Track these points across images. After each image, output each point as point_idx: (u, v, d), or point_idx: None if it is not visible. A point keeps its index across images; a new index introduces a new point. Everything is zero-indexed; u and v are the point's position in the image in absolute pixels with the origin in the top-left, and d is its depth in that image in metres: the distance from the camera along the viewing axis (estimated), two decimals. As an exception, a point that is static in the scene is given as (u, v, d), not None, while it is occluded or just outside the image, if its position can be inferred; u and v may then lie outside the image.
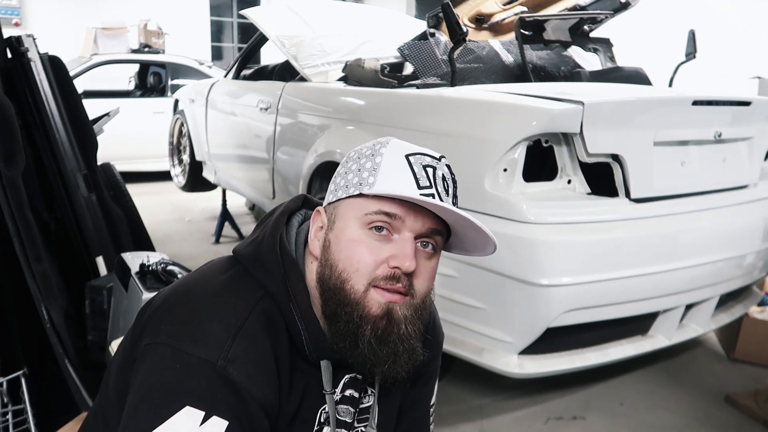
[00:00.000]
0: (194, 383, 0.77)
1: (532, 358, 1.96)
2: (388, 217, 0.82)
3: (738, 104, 2.18)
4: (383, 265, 0.82)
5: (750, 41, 6.30)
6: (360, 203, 0.84)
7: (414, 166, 0.84)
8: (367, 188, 0.84)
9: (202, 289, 0.87)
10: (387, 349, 0.83)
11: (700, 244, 2.07)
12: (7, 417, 1.66)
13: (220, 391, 0.77)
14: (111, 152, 3.70)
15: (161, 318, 0.84)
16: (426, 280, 0.86)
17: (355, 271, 0.82)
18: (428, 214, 0.84)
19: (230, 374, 0.78)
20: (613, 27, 3.11)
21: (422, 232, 0.84)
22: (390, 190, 0.82)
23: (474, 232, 0.87)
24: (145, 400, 0.77)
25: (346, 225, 0.85)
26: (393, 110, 2.39)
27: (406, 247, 0.82)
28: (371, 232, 0.83)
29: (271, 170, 3.24)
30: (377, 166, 0.85)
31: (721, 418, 2.23)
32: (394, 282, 0.82)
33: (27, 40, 2.27)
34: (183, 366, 0.78)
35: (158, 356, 0.79)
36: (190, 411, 0.75)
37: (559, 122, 1.85)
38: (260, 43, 3.91)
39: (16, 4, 8.66)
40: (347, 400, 0.93)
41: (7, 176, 1.84)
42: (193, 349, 0.79)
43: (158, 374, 0.78)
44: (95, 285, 2.08)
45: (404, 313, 0.83)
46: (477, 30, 3.05)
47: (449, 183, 0.87)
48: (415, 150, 0.86)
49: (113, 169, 2.77)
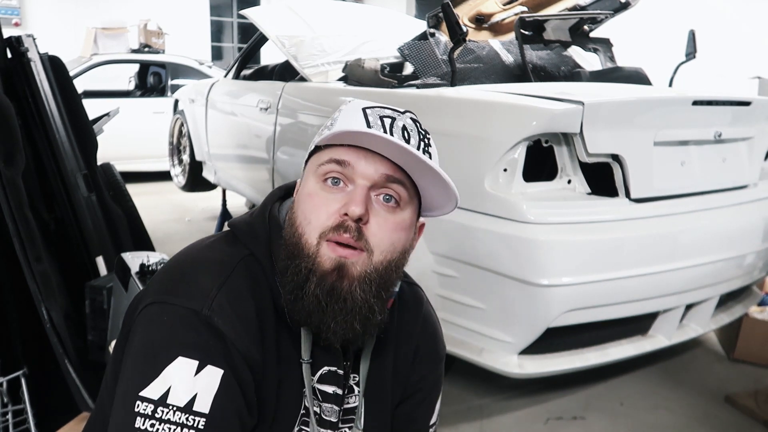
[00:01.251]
0: (183, 333, 0.76)
1: (532, 358, 1.96)
2: (339, 165, 0.80)
3: (738, 104, 2.18)
4: (334, 215, 0.79)
5: (750, 41, 6.30)
6: (317, 157, 0.84)
7: (369, 116, 0.81)
8: (319, 139, 0.83)
9: (186, 253, 0.88)
10: (336, 305, 0.79)
11: (700, 244, 2.07)
12: (7, 417, 1.66)
13: (210, 339, 0.76)
14: (111, 152, 3.69)
15: (149, 285, 0.85)
16: (388, 233, 0.81)
17: (308, 224, 0.80)
18: (382, 159, 0.80)
19: (215, 323, 0.77)
20: (613, 27, 3.11)
21: (376, 179, 0.80)
22: (336, 131, 0.79)
23: (432, 180, 0.82)
24: (138, 360, 0.76)
25: (306, 182, 0.84)
26: (393, 110, 2.39)
27: (355, 193, 0.79)
28: (325, 184, 0.81)
29: (271, 170, 3.24)
30: (334, 120, 0.84)
31: (721, 418, 2.23)
32: (342, 231, 0.78)
33: (27, 40, 2.27)
34: (170, 318, 0.77)
35: (148, 317, 0.79)
36: (183, 361, 0.74)
37: (559, 122, 1.85)
38: (260, 43, 3.91)
39: (16, 4, 8.66)
40: (330, 398, 0.90)
41: (7, 176, 1.84)
42: (179, 300, 0.78)
43: (149, 332, 0.78)
44: (95, 285, 2.08)
45: (359, 271, 0.79)
46: (477, 30, 3.05)
47: (412, 134, 0.81)
48: (375, 105, 0.84)
49: (113, 169, 2.77)
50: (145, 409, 0.72)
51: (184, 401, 0.73)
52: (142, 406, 0.72)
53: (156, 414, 0.72)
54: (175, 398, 0.72)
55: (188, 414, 0.72)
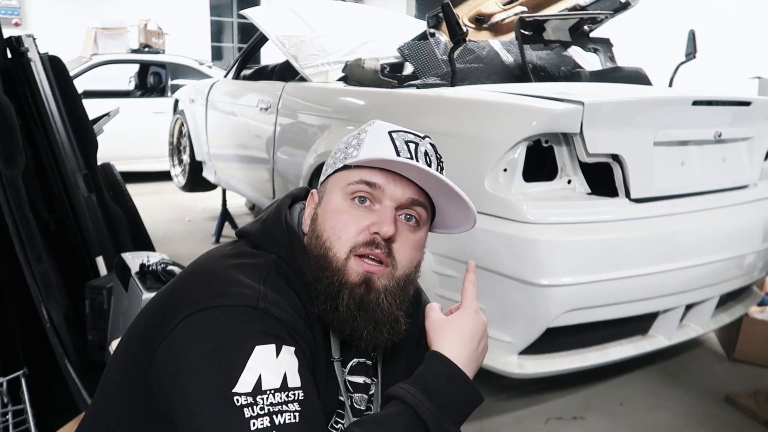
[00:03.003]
0: (249, 325, 0.77)
1: (532, 358, 1.96)
2: (369, 187, 0.86)
3: (738, 104, 2.18)
4: (364, 232, 0.86)
5: (750, 41, 6.30)
6: (344, 175, 0.89)
7: (396, 140, 0.89)
8: (350, 160, 0.88)
9: (213, 261, 0.89)
10: (366, 315, 0.85)
11: (700, 244, 2.06)
12: (7, 417, 1.66)
13: (275, 325, 0.79)
14: (111, 152, 3.69)
15: (179, 298, 0.83)
16: (409, 251, 0.89)
17: (338, 239, 0.86)
18: (409, 183, 0.87)
19: (273, 312, 0.80)
20: (613, 27, 3.11)
21: (403, 201, 0.87)
22: (369, 156, 0.86)
23: (454, 202, 0.90)
24: (208, 366, 0.75)
25: (331, 197, 0.89)
26: (393, 110, 2.39)
27: (386, 214, 0.86)
28: (354, 202, 0.87)
29: (271, 170, 3.24)
30: (361, 141, 0.91)
31: (721, 418, 2.23)
32: (373, 247, 0.85)
33: (27, 40, 2.27)
34: (229, 317, 0.78)
35: (197, 324, 0.78)
36: (262, 348, 0.76)
37: (559, 122, 1.85)
38: (260, 43, 3.91)
39: (16, 4, 8.67)
40: (360, 388, 0.94)
41: (7, 176, 1.84)
42: (230, 299, 0.79)
43: (208, 338, 0.77)
44: (95, 285, 2.08)
45: (384, 284, 0.86)
46: (477, 30, 3.05)
47: (432, 158, 0.90)
48: (399, 128, 0.91)
49: (113, 169, 2.77)
50: (246, 400, 0.73)
51: (278, 383, 0.75)
52: (241, 399, 0.72)
53: (258, 402, 0.73)
54: (269, 382, 0.74)
55: (286, 391, 0.75)
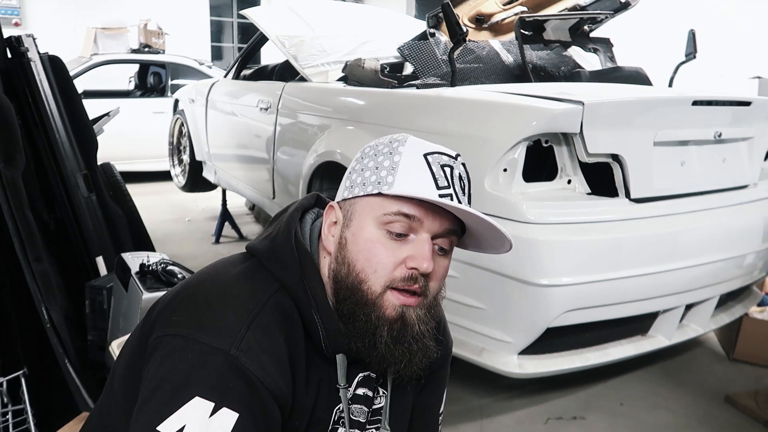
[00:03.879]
0: (205, 373, 0.76)
1: (532, 358, 1.96)
2: (406, 218, 0.83)
3: (738, 104, 2.18)
4: (401, 267, 0.83)
5: (750, 41, 6.30)
6: (378, 202, 0.84)
7: (432, 165, 0.85)
8: (386, 188, 0.84)
9: (214, 281, 0.87)
10: (402, 348, 0.84)
11: (700, 244, 2.06)
12: (7, 417, 1.66)
13: (232, 381, 0.76)
14: (111, 152, 3.69)
15: (172, 311, 0.84)
16: (440, 280, 0.88)
17: (374, 272, 0.83)
18: (446, 214, 0.85)
19: (243, 363, 0.77)
20: (613, 27, 3.11)
21: (439, 232, 0.85)
22: (410, 191, 0.82)
23: (490, 231, 0.88)
24: (156, 392, 0.76)
25: (363, 224, 0.85)
26: (393, 110, 2.39)
27: (425, 249, 0.83)
28: (390, 234, 0.84)
29: (271, 170, 3.24)
30: (396, 165, 0.85)
31: (721, 418, 2.23)
32: (412, 283, 0.83)
33: (27, 40, 2.27)
34: (195, 355, 0.77)
35: (170, 347, 0.79)
36: (200, 402, 0.74)
37: (559, 122, 1.85)
38: (260, 43, 3.91)
39: (16, 4, 8.66)
40: (361, 400, 0.93)
41: (7, 176, 1.84)
42: (206, 337, 0.78)
43: (170, 365, 0.77)
44: (95, 285, 2.08)
45: (417, 314, 0.85)
46: (477, 30, 3.05)
47: (465, 182, 0.88)
48: (433, 149, 0.87)
49: (113, 169, 2.77)
50: None
51: None
52: None
53: None
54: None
55: None
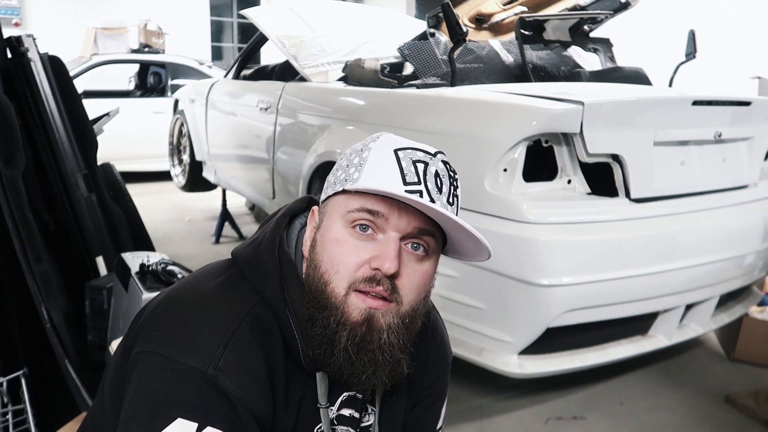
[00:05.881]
0: (185, 393, 0.74)
1: (532, 358, 1.96)
2: (371, 215, 0.78)
3: (738, 104, 2.18)
4: (364, 266, 0.78)
5: (750, 41, 6.30)
6: (344, 200, 0.80)
7: (402, 161, 0.79)
8: (350, 184, 0.79)
9: (193, 294, 0.84)
10: (365, 357, 0.78)
11: (700, 244, 2.07)
12: (7, 417, 1.66)
13: (212, 400, 0.74)
14: (111, 152, 3.69)
15: (153, 325, 0.82)
16: (416, 286, 0.80)
17: (336, 273, 0.78)
18: (415, 212, 0.78)
19: (221, 383, 0.75)
20: (613, 27, 3.11)
21: (409, 231, 0.78)
22: (371, 185, 0.76)
23: (464, 235, 0.80)
24: (137, 412, 0.74)
25: (330, 224, 0.81)
26: (393, 110, 2.39)
27: (388, 248, 0.77)
28: (354, 231, 0.79)
29: (271, 170, 3.24)
30: (364, 161, 0.80)
31: (721, 418, 2.23)
32: (374, 284, 0.77)
33: (27, 40, 2.27)
34: (173, 375, 0.75)
35: (148, 365, 0.77)
36: (183, 423, 0.72)
37: (559, 122, 1.85)
38: (260, 43, 3.91)
39: (16, 4, 8.66)
40: (347, 421, 0.89)
41: (7, 176, 1.84)
42: (183, 357, 0.76)
43: (148, 385, 0.76)
44: (95, 285, 2.08)
45: (387, 321, 0.78)
46: (477, 30, 3.05)
47: (444, 180, 0.80)
48: (407, 144, 0.81)
49: (113, 169, 2.77)
50: None
51: None
52: None
53: None
54: None
55: None
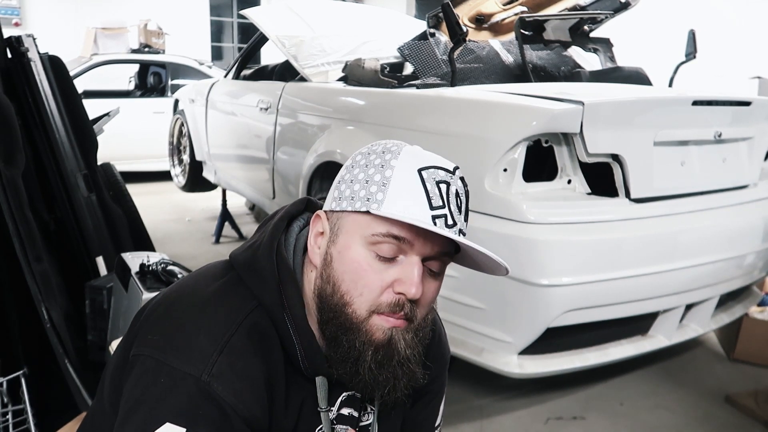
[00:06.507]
0: (176, 399, 0.75)
1: (532, 358, 1.96)
2: (396, 240, 0.78)
3: (738, 104, 2.18)
4: (388, 291, 0.79)
5: (750, 41, 6.30)
6: (367, 221, 0.79)
7: (427, 182, 0.79)
8: (375, 206, 0.78)
9: (191, 298, 0.84)
10: (386, 373, 0.81)
11: (700, 244, 2.06)
12: (7, 417, 1.66)
13: (203, 407, 0.75)
14: (111, 152, 3.69)
15: (150, 327, 0.83)
16: (429, 301, 0.83)
17: (359, 296, 0.79)
18: (439, 237, 0.79)
19: (214, 389, 0.75)
20: (613, 27, 3.11)
21: (431, 255, 0.80)
22: (401, 213, 0.76)
23: (483, 256, 0.83)
24: (131, 415, 0.75)
25: (350, 242, 0.80)
26: (393, 110, 2.39)
27: (413, 273, 0.78)
28: (378, 255, 0.79)
29: (271, 170, 3.24)
30: (387, 180, 0.79)
31: (721, 418, 2.23)
32: (398, 309, 0.79)
33: (27, 40, 2.27)
34: (166, 380, 0.76)
35: (143, 369, 0.78)
36: (171, 428, 0.73)
37: (559, 122, 1.85)
38: (260, 43, 3.91)
39: (16, 4, 8.66)
40: (346, 420, 0.90)
41: (7, 176, 1.84)
42: (178, 362, 0.76)
43: (142, 388, 0.77)
44: (95, 285, 2.08)
45: (405, 338, 0.81)
46: (477, 30, 3.05)
47: (462, 198, 0.82)
48: (428, 163, 0.81)
49: (113, 169, 2.77)
50: None
51: None
52: None
53: None
54: None
55: None
